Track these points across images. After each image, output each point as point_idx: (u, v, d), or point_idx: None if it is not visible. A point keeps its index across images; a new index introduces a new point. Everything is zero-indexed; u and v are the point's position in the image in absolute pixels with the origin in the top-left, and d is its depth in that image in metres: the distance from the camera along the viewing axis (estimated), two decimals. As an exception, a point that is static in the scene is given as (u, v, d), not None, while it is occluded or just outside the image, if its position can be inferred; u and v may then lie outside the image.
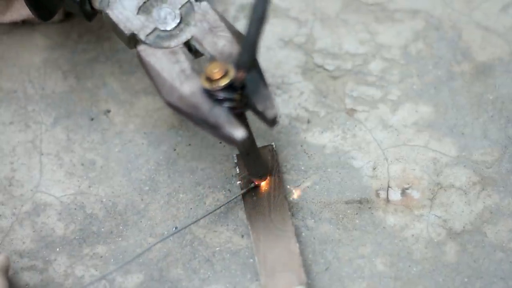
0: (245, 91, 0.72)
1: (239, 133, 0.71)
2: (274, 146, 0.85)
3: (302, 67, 0.91)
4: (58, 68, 0.93)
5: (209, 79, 0.72)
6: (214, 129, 0.72)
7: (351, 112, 0.88)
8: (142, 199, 0.85)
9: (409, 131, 0.87)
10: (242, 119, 0.74)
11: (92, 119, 0.90)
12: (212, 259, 0.81)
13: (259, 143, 0.85)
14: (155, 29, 0.78)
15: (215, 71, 0.71)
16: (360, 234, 0.81)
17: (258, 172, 0.81)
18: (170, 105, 0.75)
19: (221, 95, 0.72)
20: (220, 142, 0.87)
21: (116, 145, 0.88)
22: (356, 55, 0.92)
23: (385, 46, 0.92)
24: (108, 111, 0.90)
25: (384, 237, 0.81)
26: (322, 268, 0.80)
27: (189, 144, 0.88)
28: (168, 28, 0.78)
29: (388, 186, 0.83)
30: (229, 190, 0.84)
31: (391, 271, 0.79)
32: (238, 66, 0.71)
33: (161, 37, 0.78)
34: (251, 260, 0.81)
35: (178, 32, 0.78)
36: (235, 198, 0.83)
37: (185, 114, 0.74)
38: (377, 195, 0.83)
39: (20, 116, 0.90)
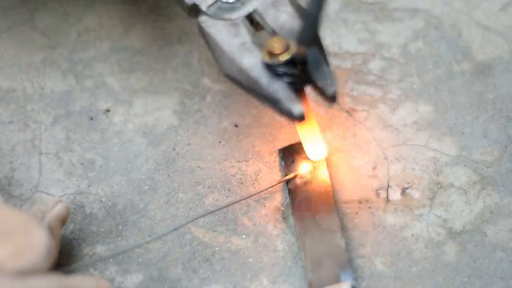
0: (305, 67, 0.72)
1: (297, 108, 0.71)
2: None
3: (302, 66, 0.90)
4: (57, 67, 0.93)
5: (270, 53, 0.71)
6: (272, 103, 0.72)
7: (351, 111, 0.88)
8: (141, 199, 0.85)
9: (409, 131, 0.86)
10: (301, 95, 0.74)
11: (91, 119, 0.90)
12: (212, 258, 0.81)
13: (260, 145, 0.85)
14: (217, 0, 0.78)
15: (276, 46, 0.71)
16: (360, 234, 0.81)
17: (315, 148, 0.82)
18: (228, 77, 0.75)
19: (281, 69, 0.71)
20: (220, 141, 0.87)
21: (115, 144, 0.88)
22: (355, 54, 0.92)
23: (384, 45, 0.92)
24: (108, 111, 0.90)
25: (384, 236, 0.81)
26: (322, 267, 0.80)
27: (189, 144, 0.87)
28: (230, 0, 0.77)
29: (388, 186, 0.83)
30: (228, 189, 0.84)
31: (391, 271, 0.79)
32: (300, 41, 0.70)
33: (222, 9, 0.77)
34: (251, 259, 0.80)
35: (240, 5, 0.77)
36: (277, 184, 0.83)
37: (244, 87, 0.74)
38: (377, 194, 0.83)
39: (19, 116, 0.90)
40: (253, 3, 0.77)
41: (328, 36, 0.93)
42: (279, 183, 0.83)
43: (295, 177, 0.83)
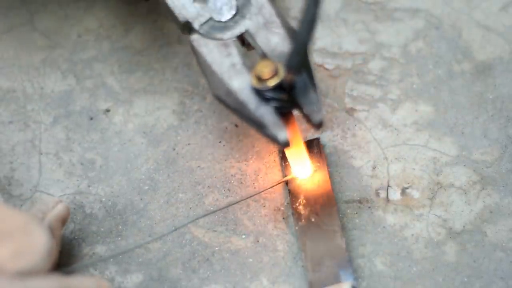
0: (293, 92, 0.72)
1: (282, 135, 0.71)
2: (320, 139, 0.85)
3: (302, 66, 0.90)
4: (57, 67, 0.93)
5: (259, 78, 0.71)
6: (258, 127, 0.72)
7: (351, 111, 0.88)
8: (141, 199, 0.85)
9: (409, 131, 0.86)
10: (289, 117, 0.74)
11: (91, 119, 0.90)
12: (212, 258, 0.81)
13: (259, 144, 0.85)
14: (210, 19, 0.77)
15: (265, 70, 0.71)
16: (360, 234, 0.81)
17: (301, 168, 0.82)
18: (217, 98, 0.75)
19: (269, 94, 0.71)
20: (220, 141, 0.87)
21: (115, 144, 0.88)
22: (356, 54, 0.92)
23: (385, 45, 0.92)
24: (108, 111, 0.90)
25: (383, 236, 0.80)
26: (322, 267, 0.80)
27: (189, 144, 0.87)
28: (223, 19, 0.77)
29: (388, 186, 0.83)
30: (228, 189, 0.84)
31: (391, 271, 0.79)
32: (288, 67, 0.70)
33: (215, 28, 0.77)
34: (251, 260, 0.80)
35: (232, 24, 0.77)
36: (276, 184, 0.83)
37: (232, 109, 0.74)
38: (377, 194, 0.83)
39: (19, 116, 0.90)
40: (245, 23, 0.77)
41: (328, 36, 0.93)
42: (278, 183, 0.83)
43: (294, 177, 0.83)
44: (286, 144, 0.71)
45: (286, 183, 0.83)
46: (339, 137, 0.87)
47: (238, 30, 0.77)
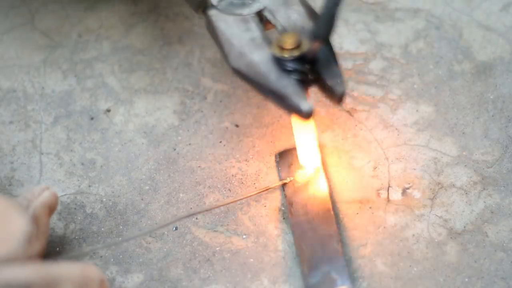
0: (315, 64, 0.71)
1: (305, 104, 0.70)
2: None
3: (303, 66, 0.90)
4: (58, 67, 0.93)
5: (281, 48, 0.71)
6: (279, 99, 0.72)
7: (351, 111, 0.88)
8: (142, 199, 0.85)
9: (409, 131, 0.86)
10: (308, 94, 0.73)
11: (92, 119, 0.90)
12: (212, 259, 0.81)
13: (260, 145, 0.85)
14: None
15: (288, 41, 0.71)
16: (361, 234, 0.81)
17: (309, 155, 0.82)
18: (236, 71, 0.74)
19: (291, 65, 0.71)
20: (220, 141, 0.87)
21: (116, 144, 0.88)
22: (356, 54, 0.92)
23: (385, 45, 0.92)
24: (108, 111, 0.90)
25: (384, 237, 0.80)
26: (323, 268, 0.80)
27: (189, 144, 0.87)
28: None
29: (389, 186, 0.83)
30: (229, 189, 0.84)
31: (391, 271, 0.79)
32: (314, 36, 0.69)
33: (233, 4, 0.77)
34: (251, 260, 0.80)
35: (250, 1, 0.77)
36: (267, 189, 0.83)
37: (252, 81, 0.74)
38: (378, 194, 0.83)
39: (20, 116, 0.90)
40: (263, 0, 0.77)
41: (329, 36, 0.93)
42: (267, 189, 0.83)
43: (291, 181, 0.83)
44: (309, 114, 0.70)
45: (283, 188, 0.83)
46: (340, 138, 0.87)
47: (257, 7, 0.77)
